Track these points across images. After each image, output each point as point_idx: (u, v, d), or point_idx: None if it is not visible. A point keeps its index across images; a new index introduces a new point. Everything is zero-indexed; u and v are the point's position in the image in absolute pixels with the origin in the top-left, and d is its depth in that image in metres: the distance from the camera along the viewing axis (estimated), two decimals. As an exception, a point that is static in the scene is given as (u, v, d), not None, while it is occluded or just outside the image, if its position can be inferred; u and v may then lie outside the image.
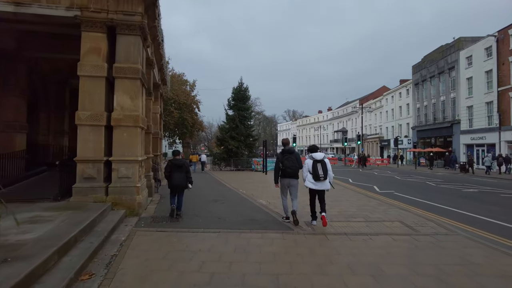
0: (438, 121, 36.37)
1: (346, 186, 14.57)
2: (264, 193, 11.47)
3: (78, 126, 7.18)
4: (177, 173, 7.25)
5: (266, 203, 9.36)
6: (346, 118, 69.97)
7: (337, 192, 12.02)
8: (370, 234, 6.06)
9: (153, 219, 7.07)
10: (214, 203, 9.32)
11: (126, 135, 7.39)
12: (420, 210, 8.67)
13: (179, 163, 7.37)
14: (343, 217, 7.52)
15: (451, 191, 13.44)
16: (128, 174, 7.32)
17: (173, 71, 39.06)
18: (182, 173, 7.30)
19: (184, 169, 7.38)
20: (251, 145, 26.94)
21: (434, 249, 5.21)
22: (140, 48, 7.77)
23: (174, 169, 7.29)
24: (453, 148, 32.92)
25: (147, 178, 10.05)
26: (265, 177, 18.95)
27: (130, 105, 7.45)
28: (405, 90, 46.23)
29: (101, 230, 5.48)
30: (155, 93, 13.90)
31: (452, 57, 33.69)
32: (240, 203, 9.49)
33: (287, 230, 6.28)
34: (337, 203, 9.49)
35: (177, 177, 7.24)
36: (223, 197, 10.52)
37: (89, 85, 7.22)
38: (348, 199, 10.37)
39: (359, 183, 16.14)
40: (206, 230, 6.09)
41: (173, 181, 7.26)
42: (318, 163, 6.40)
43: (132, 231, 5.99)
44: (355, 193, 11.86)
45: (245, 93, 26.63)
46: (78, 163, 7.15)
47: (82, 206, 6.54)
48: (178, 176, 7.25)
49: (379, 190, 13.33)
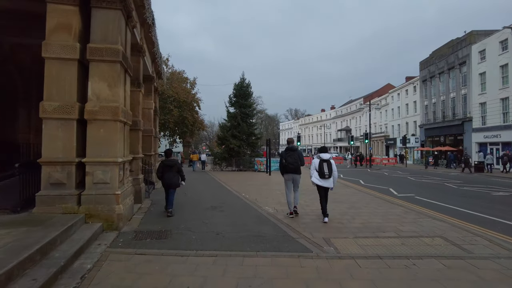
0: (448, 118, 34.86)
1: (360, 189, 13.18)
2: (269, 198, 10.10)
3: (44, 120, 5.83)
4: (168, 173, 7.53)
5: (273, 211, 7.99)
6: (350, 117, 68.48)
7: (352, 196, 10.64)
8: (411, 257, 4.69)
9: (136, 235, 5.73)
10: (212, 211, 7.96)
11: (103, 131, 6.03)
12: (457, 220, 7.27)
13: (170, 163, 7.66)
14: (370, 231, 6.14)
15: (479, 194, 12.00)
16: (105, 179, 5.96)
17: (173, 68, 37.88)
18: (174, 172, 7.58)
19: (175, 169, 7.65)
20: (253, 144, 25.47)
21: (507, 283, 3.83)
22: (121, 27, 6.41)
23: (166, 169, 7.58)
24: (465, 147, 31.42)
25: (135, 182, 8.70)
26: (269, 178, 17.57)
27: (108, 95, 6.09)
28: (412, 87, 44.67)
29: (59, 255, 4.12)
30: (147, 86, 12.55)
31: (463, 52, 32.16)
32: (243, 211, 8.12)
33: (304, 251, 4.91)
34: (355, 211, 8.11)
35: (168, 177, 7.52)
36: (222, 203, 9.15)
37: (57, 70, 5.86)
38: (367, 205, 8.99)
39: (372, 185, 14.74)
40: (199, 253, 4.73)
41: (164, 180, 7.57)
42: (325, 162, 6.89)
43: (105, 254, 4.65)
44: (372, 198, 10.46)
45: (247, 89, 25.15)
46: (44, 166, 5.80)
47: (45, 220, 5.20)
48: (169, 176, 7.52)
49: (397, 194, 11.93)
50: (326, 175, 6.82)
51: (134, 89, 8.95)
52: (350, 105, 70.14)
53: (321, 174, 6.85)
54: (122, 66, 6.40)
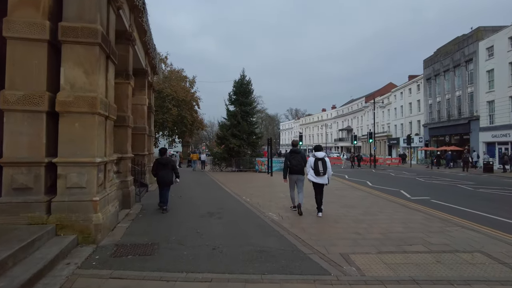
0: (453, 117, 33.91)
1: (369, 191, 12.23)
2: (272, 202, 9.15)
3: (5, 113, 4.87)
4: (162, 171, 7.80)
5: (278, 218, 7.05)
6: (351, 116, 67.52)
7: (364, 200, 9.69)
8: (455, 281, 3.74)
9: (116, 250, 4.78)
10: (209, 219, 7.00)
11: (79, 126, 5.08)
12: (490, 230, 6.31)
13: (164, 162, 7.91)
14: (394, 244, 5.20)
15: (503, 198, 11.03)
16: (81, 183, 5.01)
17: (171, 67, 36.97)
18: (168, 170, 7.84)
19: (170, 167, 7.92)
20: (254, 144, 24.43)
21: None
22: (102, 3, 5.46)
23: (160, 167, 7.85)
24: (471, 146, 30.49)
25: (123, 185, 7.75)
26: (271, 180, 16.62)
27: (85, 83, 5.15)
28: (415, 85, 43.72)
29: (5, 284, 3.17)
30: (140, 80, 11.62)
31: (470, 49, 31.21)
32: (244, 218, 7.17)
33: (321, 273, 3.96)
34: (371, 217, 7.16)
35: (163, 175, 7.77)
36: (220, 209, 8.20)
37: (22, 52, 4.91)
38: (382, 210, 8.04)
39: (381, 187, 13.79)
40: (190, 276, 3.78)
41: (159, 178, 7.82)
42: (319, 160, 7.14)
43: (71, 278, 3.70)
44: (386, 201, 9.51)
45: (248, 87, 24.15)
46: (5, 167, 4.85)
47: (4, 234, 4.26)
48: (163, 174, 7.78)
49: (410, 196, 10.99)
50: (321, 172, 7.08)
51: (122, 81, 8.01)
52: (351, 105, 69.18)
53: (316, 172, 7.11)
54: (103, 50, 5.45)
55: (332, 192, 11.26)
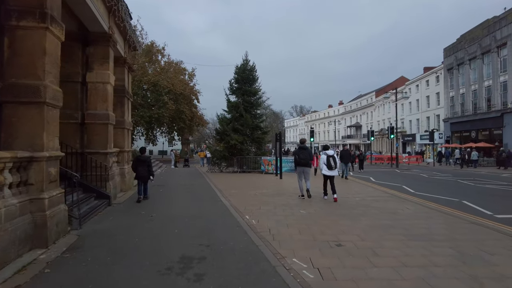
0: (481, 111, 30.23)
1: (423, 203, 8.77)
2: (294, 228, 5.73)
3: None
4: (141, 167, 8.74)
5: (314, 278, 3.63)
6: (360, 112, 63.81)
7: (430, 221, 6.16)
8: None
9: None
10: (176, 280, 3.61)
11: None
12: None
13: (142, 159, 8.91)
14: None
15: None
16: None
17: (169, 58, 33.77)
18: (145, 167, 8.78)
19: (146, 164, 8.84)
20: (259, 140, 20.71)
21: None
22: None
23: (138, 164, 8.80)
24: (505, 143, 26.81)
25: (34, 207, 4.38)
26: (281, 183, 13.16)
27: None
28: (434, 77, 39.98)
29: None
30: (100, 50, 8.25)
31: (503, 32, 27.47)
32: (247, 273, 3.77)
33: None
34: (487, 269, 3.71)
35: (141, 171, 8.72)
36: (207, 246, 4.77)
37: None
38: (483, 245, 4.59)
39: (430, 195, 10.27)
40: None
41: (137, 173, 8.75)
42: (331, 157, 8.78)
43: None
44: (474, 227, 6.06)
45: (252, 73, 20.54)
46: None
47: None
48: (141, 170, 8.72)
49: (492, 214, 7.53)
50: (333, 167, 8.75)
51: (31, 24, 4.59)
52: (360, 100, 65.46)
53: (329, 167, 8.74)
54: None
55: (373, 206, 7.94)
